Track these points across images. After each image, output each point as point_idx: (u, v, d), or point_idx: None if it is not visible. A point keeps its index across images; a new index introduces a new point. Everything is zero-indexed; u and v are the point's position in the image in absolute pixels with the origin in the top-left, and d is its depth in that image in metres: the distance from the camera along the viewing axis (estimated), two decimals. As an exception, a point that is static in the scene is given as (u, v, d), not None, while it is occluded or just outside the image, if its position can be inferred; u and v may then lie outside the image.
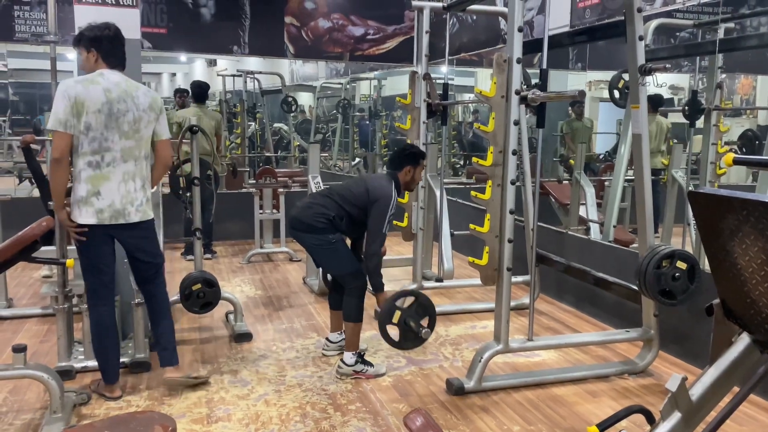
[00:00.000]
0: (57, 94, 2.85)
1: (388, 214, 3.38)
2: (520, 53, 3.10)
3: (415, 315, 3.21)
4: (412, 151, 3.62)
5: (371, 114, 10.47)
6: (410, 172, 3.56)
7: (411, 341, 3.26)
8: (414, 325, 3.19)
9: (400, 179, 3.55)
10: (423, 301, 3.25)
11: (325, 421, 2.95)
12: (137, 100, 3.02)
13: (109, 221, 2.97)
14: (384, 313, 3.20)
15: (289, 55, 7.04)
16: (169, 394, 3.21)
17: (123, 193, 3.00)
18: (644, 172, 3.38)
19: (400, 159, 3.58)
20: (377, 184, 3.47)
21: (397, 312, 3.19)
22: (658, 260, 3.27)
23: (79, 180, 2.91)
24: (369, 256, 3.38)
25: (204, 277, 3.82)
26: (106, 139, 2.92)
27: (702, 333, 3.61)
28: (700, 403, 2.10)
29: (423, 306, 3.24)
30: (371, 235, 3.40)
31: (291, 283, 5.39)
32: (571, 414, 3.07)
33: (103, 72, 2.97)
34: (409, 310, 3.21)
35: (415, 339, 3.25)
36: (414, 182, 3.63)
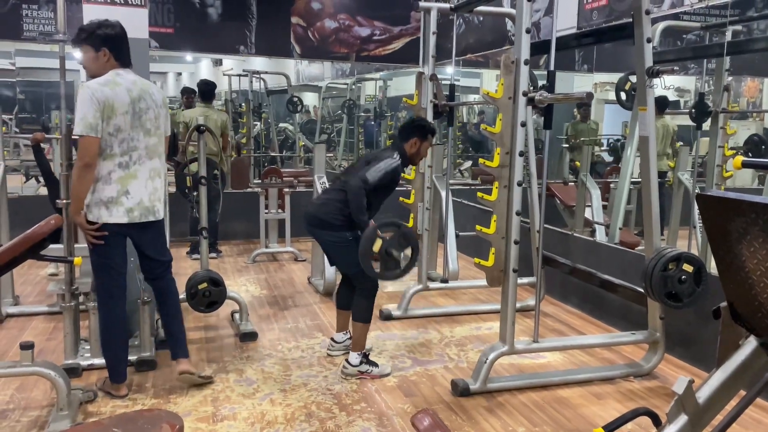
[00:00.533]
0: (83, 98, 2.84)
1: (381, 172, 3.35)
2: (527, 54, 3.10)
3: (396, 246, 3.20)
4: (421, 124, 3.61)
5: (376, 114, 10.48)
6: (416, 145, 3.54)
7: (392, 271, 3.25)
8: (396, 254, 3.18)
9: (405, 150, 3.54)
10: (405, 231, 3.24)
11: (330, 421, 2.96)
12: (154, 97, 3.05)
13: (139, 219, 2.99)
14: (365, 240, 3.18)
15: (295, 56, 7.06)
16: (175, 393, 3.22)
17: (150, 191, 3.03)
18: (651, 175, 3.37)
19: (408, 130, 3.57)
20: (379, 154, 3.54)
21: (378, 240, 3.17)
22: (664, 263, 3.26)
23: (108, 181, 2.92)
24: (351, 189, 3.32)
25: (210, 276, 3.83)
26: (133, 138, 2.95)
27: (708, 336, 3.60)
28: (707, 405, 2.10)
29: (405, 236, 3.23)
30: (358, 175, 3.36)
31: (296, 282, 5.40)
32: (576, 416, 3.06)
33: (119, 72, 2.98)
34: (391, 240, 3.20)
35: (396, 268, 3.24)
36: (419, 156, 3.60)
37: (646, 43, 3.25)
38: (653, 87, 3.30)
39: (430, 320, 4.44)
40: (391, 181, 3.42)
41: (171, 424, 1.84)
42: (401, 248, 3.21)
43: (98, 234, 2.94)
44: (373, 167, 3.39)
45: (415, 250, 3.26)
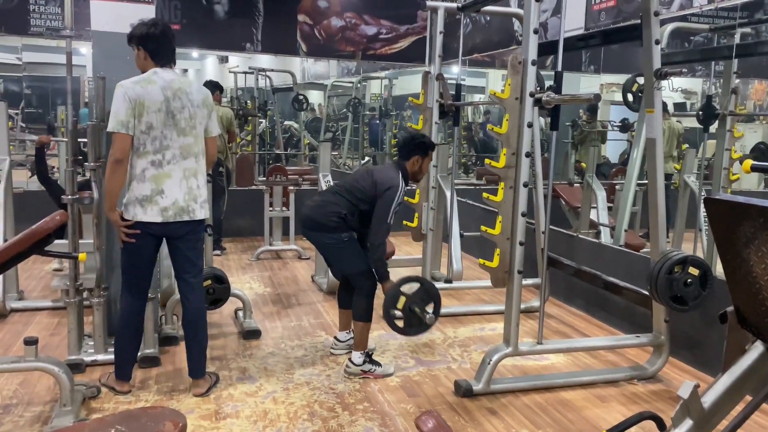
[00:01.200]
0: (117, 96, 2.87)
1: (394, 203, 3.35)
2: (535, 55, 3.09)
3: (419, 301, 3.21)
4: (422, 141, 3.59)
5: (381, 113, 10.47)
6: (418, 162, 3.54)
7: (415, 327, 3.26)
8: (419, 311, 3.19)
9: (407, 169, 3.53)
10: (428, 287, 3.24)
11: (332, 420, 2.95)
12: (191, 96, 3.03)
13: (173, 219, 2.99)
14: (389, 299, 3.19)
15: (301, 53, 7.05)
16: (178, 390, 3.22)
17: (185, 190, 3.01)
18: (658, 177, 3.36)
19: (409, 148, 3.56)
20: (384, 175, 3.46)
21: (402, 298, 3.18)
22: (670, 266, 3.25)
23: (142, 179, 2.93)
24: (374, 245, 3.35)
25: (214, 273, 3.83)
26: (166, 137, 2.95)
27: (713, 340, 3.59)
28: (712, 410, 2.08)
29: (427, 292, 3.24)
30: (376, 224, 3.36)
31: (300, 281, 5.40)
32: (580, 418, 3.05)
33: (157, 70, 2.99)
34: (414, 296, 3.20)
35: (420, 325, 3.25)
36: (421, 173, 3.60)
37: (654, 44, 3.23)
38: (661, 89, 3.29)
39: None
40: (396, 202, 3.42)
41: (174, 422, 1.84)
42: (424, 304, 3.22)
43: (131, 232, 2.95)
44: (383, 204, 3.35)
45: (438, 305, 3.27)
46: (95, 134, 3.40)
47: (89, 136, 3.43)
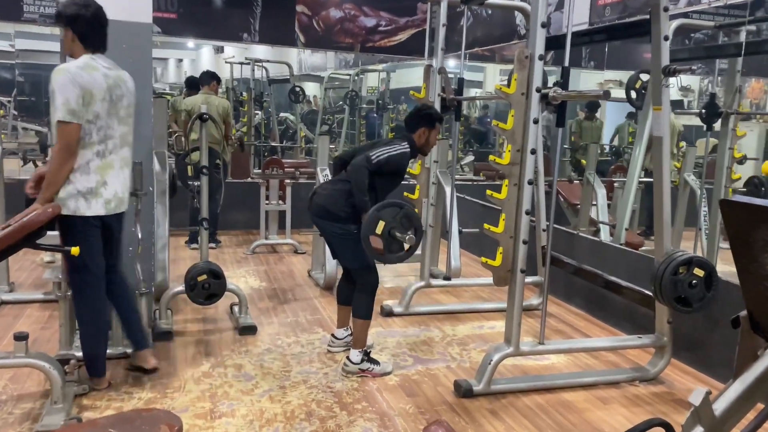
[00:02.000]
0: (63, 82, 2.71)
1: (387, 154, 3.26)
2: (542, 49, 3.02)
3: (399, 226, 3.12)
4: (428, 112, 3.51)
5: (379, 106, 10.37)
6: (425, 134, 3.46)
7: (395, 253, 3.16)
8: (399, 235, 3.11)
9: (415, 140, 3.45)
10: (408, 211, 3.14)
11: (330, 420, 2.89)
12: (127, 84, 2.98)
13: (114, 211, 2.91)
14: (367, 223, 3.10)
15: (299, 45, 6.96)
16: (172, 387, 3.15)
17: (122, 180, 2.96)
18: (664, 176, 3.30)
19: (416, 119, 3.47)
20: (387, 141, 3.43)
21: (380, 222, 3.09)
22: (675, 267, 3.20)
23: (86, 171, 2.82)
24: (355, 167, 3.25)
25: (210, 268, 3.76)
26: (110, 126, 2.86)
27: (716, 341, 3.55)
28: (724, 418, 2.03)
29: (408, 217, 3.14)
30: (363, 155, 3.27)
31: (296, 275, 5.33)
32: (582, 421, 3.00)
33: (93, 56, 2.86)
34: (394, 221, 3.11)
35: (400, 250, 3.16)
36: (428, 146, 3.51)
37: (663, 41, 3.17)
38: (669, 86, 3.23)
39: (431, 318, 4.38)
40: (397, 167, 3.33)
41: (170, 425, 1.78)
42: (405, 229, 3.12)
43: None
44: (379, 149, 3.30)
45: (419, 231, 3.17)
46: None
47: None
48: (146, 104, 3.69)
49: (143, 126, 3.68)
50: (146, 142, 3.70)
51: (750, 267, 1.98)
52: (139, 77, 3.61)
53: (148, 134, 3.71)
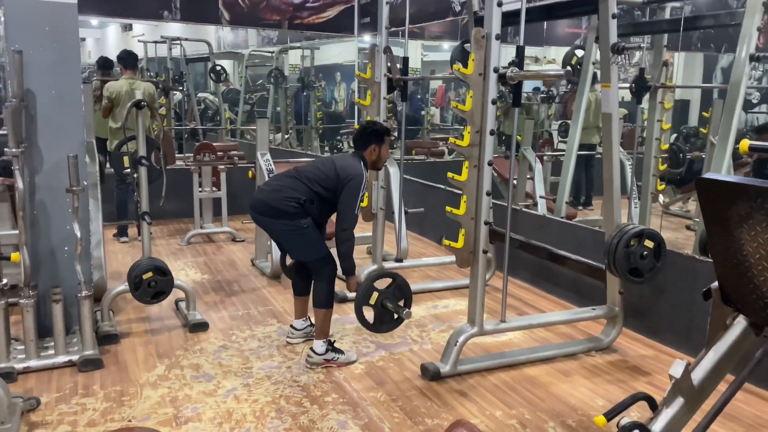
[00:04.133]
0: None
1: (360, 194, 3.23)
2: (499, 29, 2.99)
3: (392, 297, 3.12)
4: (375, 129, 3.45)
5: (304, 84, 10.13)
6: (376, 150, 3.40)
7: (387, 324, 3.18)
8: (391, 306, 3.10)
9: (366, 158, 3.39)
10: (400, 282, 3.16)
11: (302, 416, 2.81)
12: None
13: None
14: (361, 294, 3.09)
15: (224, 22, 6.65)
16: (128, 394, 2.97)
17: None
18: (614, 151, 3.38)
19: (364, 138, 3.41)
20: (346, 164, 3.30)
21: (375, 293, 3.08)
22: (627, 239, 3.30)
23: None
24: (342, 239, 3.22)
25: (155, 264, 3.56)
26: None
27: (662, 309, 3.71)
28: (701, 387, 2.12)
29: (400, 287, 3.16)
30: (343, 216, 3.23)
31: (239, 265, 5.15)
32: (549, 395, 3.07)
33: None
34: (387, 292, 3.12)
35: (392, 321, 3.17)
36: (381, 160, 3.47)
37: (611, 19, 3.22)
38: (618, 63, 3.29)
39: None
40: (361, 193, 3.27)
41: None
42: (396, 300, 3.12)
43: None
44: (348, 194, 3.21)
45: (409, 301, 3.18)
46: (16, 116, 3.02)
47: (7, 118, 3.04)
48: (75, 91, 3.42)
49: (74, 115, 3.42)
50: (78, 133, 3.44)
51: (724, 242, 2.04)
52: (66, 62, 3.35)
53: (79, 124, 3.45)
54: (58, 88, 3.34)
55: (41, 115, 3.31)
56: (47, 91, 3.31)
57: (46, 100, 3.31)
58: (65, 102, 3.37)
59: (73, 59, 3.39)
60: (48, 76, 3.30)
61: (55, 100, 3.33)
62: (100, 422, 2.71)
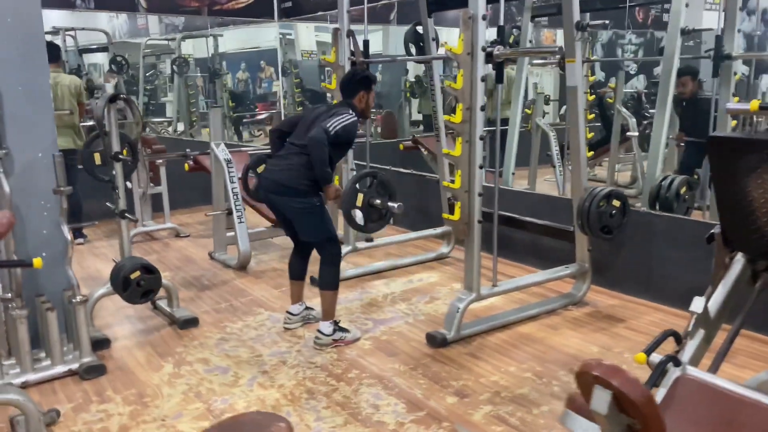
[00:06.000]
0: None
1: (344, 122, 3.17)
2: (484, 9, 3.16)
3: (376, 194, 3.19)
4: (365, 75, 3.46)
5: (211, 72, 9.84)
6: (364, 98, 3.40)
7: (376, 222, 3.24)
8: (380, 203, 3.17)
9: (356, 105, 3.38)
10: (381, 178, 3.21)
11: (335, 393, 2.88)
12: None
13: None
14: (347, 197, 3.13)
15: (141, 10, 6.36)
16: (147, 396, 2.89)
17: None
18: (579, 123, 3.68)
19: (353, 84, 3.40)
20: (334, 111, 3.29)
21: (360, 195, 3.14)
22: (597, 201, 3.63)
23: None
24: (313, 144, 3.11)
25: (141, 263, 3.44)
26: None
27: (621, 263, 4.10)
28: (716, 318, 2.44)
29: (382, 183, 3.21)
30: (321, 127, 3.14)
31: (196, 260, 5.02)
32: (548, 348, 3.34)
33: None
34: (371, 191, 3.18)
35: (380, 218, 3.24)
36: (368, 109, 3.46)
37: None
38: (581, 40, 3.58)
39: (361, 280, 4.45)
40: (350, 135, 3.27)
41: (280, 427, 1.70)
42: (381, 197, 3.17)
43: None
44: (333, 119, 3.19)
45: (394, 197, 3.23)
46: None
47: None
48: (44, 87, 3.22)
49: (44, 113, 3.21)
50: (49, 132, 3.24)
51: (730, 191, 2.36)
52: (31, 56, 3.14)
53: (50, 122, 3.24)
54: (25, 83, 3.12)
55: (9, 114, 3.08)
56: (14, 87, 3.08)
57: (13, 98, 3.08)
58: (34, 98, 3.15)
59: (39, 53, 3.18)
60: (13, 71, 3.07)
61: (23, 97, 3.11)
62: (133, 426, 2.64)
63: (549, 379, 2.99)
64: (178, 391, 2.92)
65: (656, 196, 4.22)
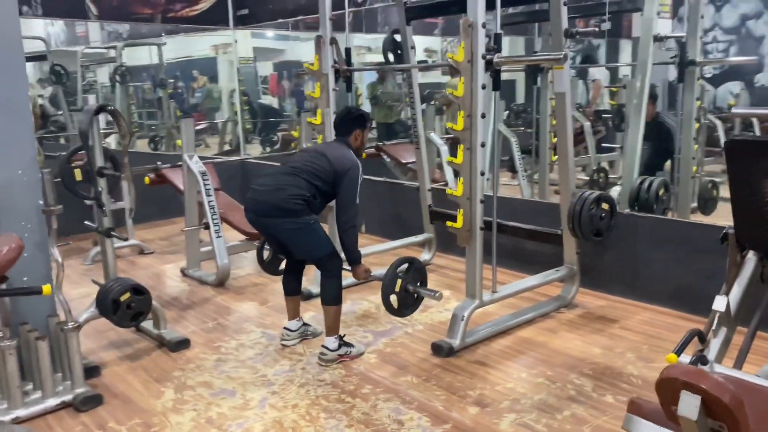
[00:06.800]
0: None
1: (359, 182, 3.22)
2: (483, 17, 3.17)
3: (412, 280, 3.21)
4: (360, 114, 3.46)
5: (155, 83, 9.49)
6: (360, 136, 3.40)
7: (410, 307, 3.27)
8: (412, 289, 3.20)
9: (352, 144, 3.38)
10: (417, 265, 3.25)
11: (353, 411, 2.80)
12: None
13: None
14: (388, 283, 3.14)
15: (92, 17, 6.03)
16: (155, 424, 2.72)
17: None
18: (567, 128, 3.75)
19: (348, 123, 3.39)
20: (338, 154, 3.27)
21: (399, 280, 3.15)
22: (589, 205, 3.70)
23: None
24: (347, 228, 3.20)
25: (130, 284, 3.26)
26: None
27: (605, 264, 4.19)
28: (736, 315, 2.53)
29: (418, 270, 3.25)
30: (345, 207, 3.20)
31: (169, 278, 4.80)
32: (552, 352, 3.36)
33: None
34: (407, 276, 3.20)
35: (414, 304, 3.27)
36: (363, 147, 3.46)
37: (562, 6, 3.55)
38: (569, 48, 3.65)
39: (348, 292, 4.32)
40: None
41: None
42: (416, 283, 3.20)
43: None
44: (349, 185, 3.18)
45: (425, 282, 3.28)
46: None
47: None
48: (22, 98, 3.00)
49: (23, 126, 2.99)
50: (29, 147, 3.02)
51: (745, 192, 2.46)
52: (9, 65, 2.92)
53: (29, 136, 3.02)
54: (3, 94, 2.89)
55: (-15, 128, 2.85)
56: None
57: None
58: (12, 110, 2.93)
59: (17, 61, 2.97)
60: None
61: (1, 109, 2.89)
62: (147, 459, 2.47)
63: (562, 384, 3.01)
64: (187, 418, 2.76)
65: (636, 198, 4.35)
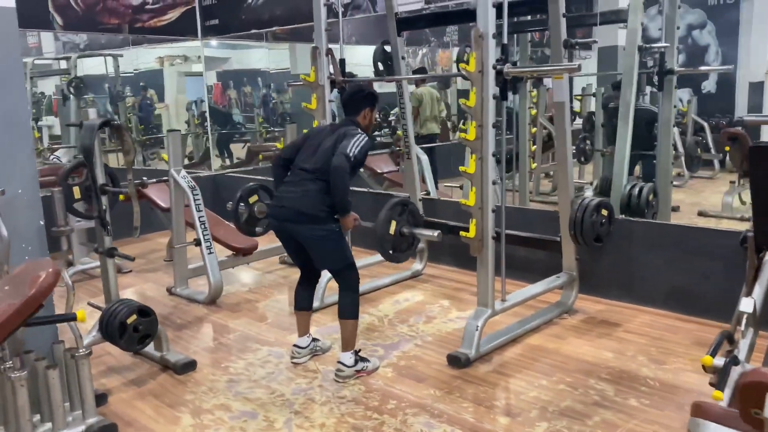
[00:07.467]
0: None
1: (362, 145, 3.09)
2: (493, 28, 3.19)
3: (406, 224, 3.17)
4: (370, 91, 3.39)
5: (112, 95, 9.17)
6: (368, 114, 3.32)
7: (404, 251, 3.21)
8: (407, 233, 3.15)
9: (360, 123, 3.29)
10: (412, 208, 3.21)
11: (384, 428, 2.74)
12: None
13: None
14: (381, 225, 3.07)
15: (57, 27, 5.77)
16: (180, 453, 2.59)
17: None
18: (566, 137, 3.81)
19: (357, 102, 3.31)
20: (343, 131, 3.18)
21: (393, 222, 3.10)
22: (590, 211, 3.78)
23: None
24: (340, 172, 2.99)
25: (136, 306, 3.11)
26: None
27: (601, 269, 4.26)
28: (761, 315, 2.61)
29: (412, 213, 3.20)
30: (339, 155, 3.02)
31: (155, 297, 4.61)
32: (566, 358, 3.39)
33: None
34: (401, 219, 3.15)
35: (408, 248, 3.21)
36: (371, 126, 3.39)
37: (561, 18, 3.62)
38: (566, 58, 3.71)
39: (346, 305, 4.29)
40: (365, 157, 3.19)
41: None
42: (411, 226, 3.12)
43: None
44: (350, 143, 3.08)
45: (420, 225, 3.19)
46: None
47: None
48: (22, 112, 2.83)
49: (24, 142, 2.83)
50: (29, 163, 2.86)
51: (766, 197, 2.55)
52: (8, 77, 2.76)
53: (30, 152, 2.86)
54: (2, 108, 2.72)
55: (-16, 144, 2.68)
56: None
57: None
58: (12, 125, 2.77)
59: (16, 74, 2.81)
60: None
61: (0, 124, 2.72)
62: (180, 490, 2.35)
63: (584, 390, 3.03)
64: (212, 444, 2.65)
65: (627, 204, 4.46)
